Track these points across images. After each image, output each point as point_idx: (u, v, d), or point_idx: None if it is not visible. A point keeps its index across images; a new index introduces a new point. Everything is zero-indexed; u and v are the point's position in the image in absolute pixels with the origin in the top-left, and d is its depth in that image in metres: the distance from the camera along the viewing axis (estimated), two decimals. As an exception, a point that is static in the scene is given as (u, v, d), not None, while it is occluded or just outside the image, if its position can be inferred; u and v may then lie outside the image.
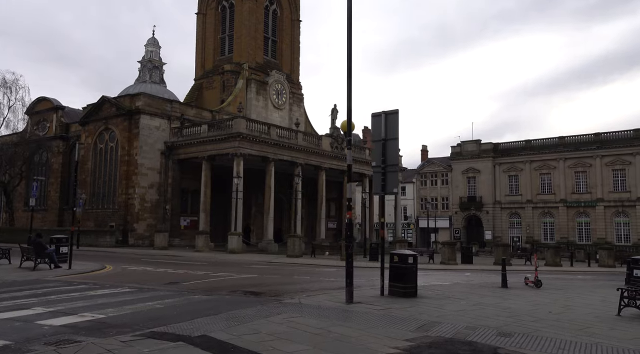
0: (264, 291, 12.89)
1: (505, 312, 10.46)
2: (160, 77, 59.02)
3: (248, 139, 34.53)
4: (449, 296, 12.55)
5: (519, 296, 13.31)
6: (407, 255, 12.24)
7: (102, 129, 39.14)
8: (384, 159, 12.48)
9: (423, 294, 12.62)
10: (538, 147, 57.99)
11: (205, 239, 31.68)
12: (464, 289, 14.36)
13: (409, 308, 10.33)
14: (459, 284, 16.02)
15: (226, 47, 47.91)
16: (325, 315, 9.08)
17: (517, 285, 16.36)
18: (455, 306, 10.84)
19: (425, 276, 20.29)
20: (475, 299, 12.28)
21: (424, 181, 66.76)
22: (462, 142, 63.26)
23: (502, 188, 59.61)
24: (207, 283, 14.39)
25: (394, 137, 12.50)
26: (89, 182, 39.51)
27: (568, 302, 12.63)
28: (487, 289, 14.64)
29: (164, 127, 37.92)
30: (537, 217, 57.33)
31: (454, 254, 27.99)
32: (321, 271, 20.97)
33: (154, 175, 36.99)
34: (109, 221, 37.15)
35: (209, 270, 18.77)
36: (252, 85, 44.94)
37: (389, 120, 12.59)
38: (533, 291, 14.88)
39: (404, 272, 12.09)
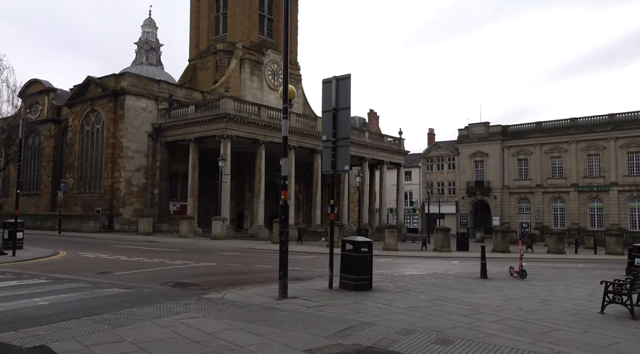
0: (201, 282, 11.41)
1: (466, 309, 8.83)
2: (158, 59, 57.63)
3: (236, 120, 32.95)
4: (409, 289, 10.94)
5: (494, 289, 11.65)
6: (360, 242, 10.61)
7: (88, 111, 37.89)
8: (335, 132, 10.83)
9: (381, 287, 11.02)
10: (549, 129, 55.43)
11: (190, 224, 30.35)
12: (434, 281, 12.72)
13: (349, 304, 8.74)
14: (434, 275, 14.36)
15: (220, 26, 46.14)
16: (238, 315, 7.55)
17: (500, 276, 14.67)
18: (408, 302, 9.22)
19: (405, 265, 18.68)
20: (439, 292, 10.65)
21: (430, 165, 64.66)
22: (470, 125, 60.90)
23: (510, 172, 57.30)
24: (146, 272, 12.96)
25: (346, 107, 10.83)
26: (77, 165, 38.42)
27: (550, 296, 10.96)
28: (461, 281, 12.98)
29: (151, 108, 36.51)
30: (547, 203, 55.03)
31: (448, 241, 26.25)
32: (294, 258, 19.45)
33: (140, 158, 35.69)
34: (95, 205, 36.07)
35: (172, 257, 17.38)
36: (246, 65, 43.20)
37: (340, 86, 10.91)
38: (514, 282, 13.18)
39: (356, 262, 10.48)
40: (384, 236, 26.38)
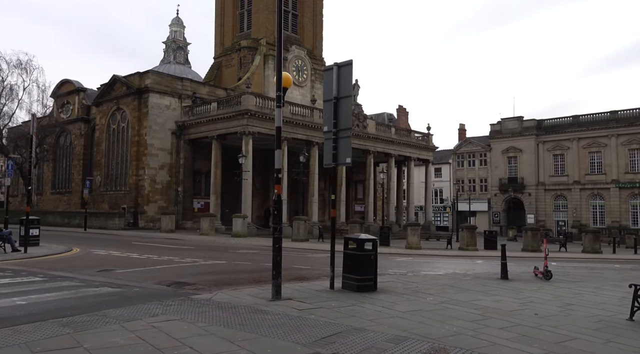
0: (199, 281, 10.92)
1: (474, 314, 8.01)
2: (185, 58, 58.02)
3: (257, 116, 32.58)
4: (418, 291, 10.15)
5: (512, 291, 10.73)
6: (364, 240, 9.90)
7: (114, 109, 38.28)
8: (336, 122, 10.13)
9: (387, 288, 10.27)
10: (587, 123, 53.01)
11: (211, 221, 30.14)
12: (449, 281, 11.86)
13: (345, 307, 8.06)
14: (451, 275, 13.47)
15: (245, 23, 45.91)
16: (218, 318, 6.98)
17: (524, 277, 13.67)
18: (412, 305, 8.47)
19: (424, 264, 17.79)
20: (450, 294, 9.83)
21: (460, 161, 62.92)
22: (503, 120, 58.92)
23: (546, 168, 55.12)
24: (149, 270, 12.59)
25: (348, 95, 10.12)
26: (103, 163, 38.89)
27: (574, 300, 9.98)
28: (479, 282, 12.08)
29: (174, 106, 36.57)
30: (585, 200, 52.68)
31: (474, 239, 25.12)
32: (309, 257, 18.86)
33: (164, 156, 35.79)
34: (121, 203, 36.39)
35: (183, 255, 17.05)
36: (270, 61, 42.80)
37: (342, 73, 10.21)
38: (538, 284, 12.18)
39: (359, 261, 9.76)
40: (406, 234, 25.48)
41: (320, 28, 48.75)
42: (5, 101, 38.19)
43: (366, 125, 40.81)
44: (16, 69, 38.01)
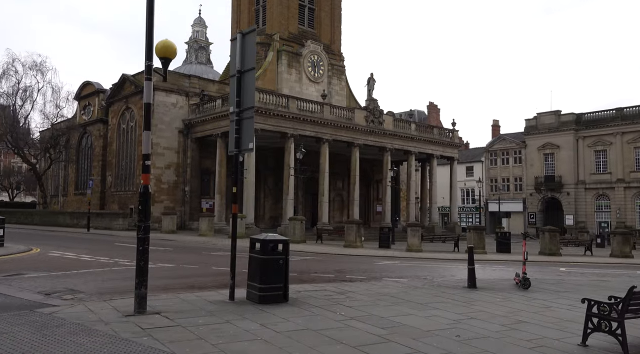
0: (94, 290, 9.58)
1: (373, 336, 6.35)
2: (207, 58, 57.71)
3: (260, 112, 31.23)
4: (339, 303, 8.41)
5: (462, 304, 8.82)
6: (270, 241, 8.24)
7: (123, 109, 38.02)
8: (239, 101, 8.54)
9: (303, 299, 8.56)
10: (632, 116, 48.73)
11: (210, 222, 29.10)
12: (396, 291, 9.99)
13: (207, 326, 6.44)
14: (407, 284, 11.50)
15: (260, 19, 44.83)
16: (19, 340, 5.55)
17: (501, 285, 11.61)
18: (304, 324, 6.77)
19: (405, 269, 15.85)
20: (374, 309, 8.06)
21: (493, 159, 59.51)
22: (538, 114, 55.22)
23: (586, 166, 51.12)
24: (63, 275, 11.38)
25: (251, 67, 8.51)
26: (114, 163, 38.71)
27: (533, 316, 8.02)
28: (434, 292, 10.15)
29: (181, 104, 35.85)
30: (630, 199, 48.42)
31: (482, 241, 22.80)
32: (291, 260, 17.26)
33: (171, 155, 35.09)
34: (129, 203, 36.02)
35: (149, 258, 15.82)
36: (283, 57, 41.49)
37: (246, 43, 8.63)
38: (507, 294, 10.15)
39: (264, 266, 8.09)
40: (407, 235, 23.44)
41: (338, 22, 47.05)
42: (22, 103, 38.60)
43: (382, 121, 38.76)
44: (31, 70, 38.39)
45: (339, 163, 40.27)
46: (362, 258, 19.04)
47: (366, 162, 44.45)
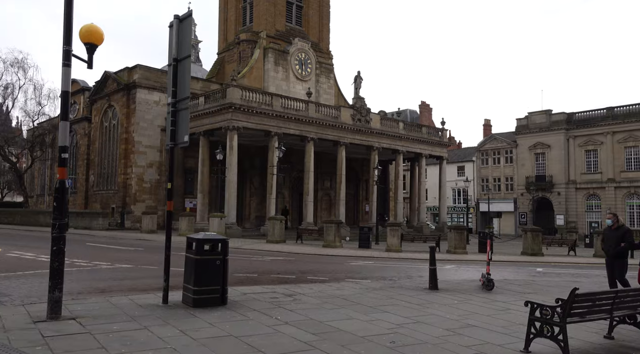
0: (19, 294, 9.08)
1: (298, 343, 5.81)
2: (196, 56, 57.09)
3: (242, 110, 30.76)
4: (280, 306, 7.94)
5: (415, 306, 8.37)
6: (205, 240, 7.76)
7: (106, 107, 37.45)
8: (175, 91, 8.04)
9: (244, 302, 8.09)
10: (622, 115, 48.35)
11: (189, 222, 28.57)
12: (349, 293, 9.53)
13: (117, 333, 5.94)
14: (365, 285, 11.02)
15: (247, 16, 44.30)
16: None
17: (464, 286, 11.15)
18: (230, 329, 6.32)
19: (379, 269, 15.46)
20: (317, 312, 7.63)
21: (485, 159, 59.11)
22: (529, 114, 54.81)
23: (577, 165, 50.72)
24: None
25: (187, 55, 8.02)
26: (97, 162, 38.14)
27: (484, 320, 7.57)
28: (390, 293, 9.69)
29: (164, 101, 35.11)
30: (620, 199, 48.03)
31: (463, 241, 22.37)
32: (255, 260, 16.75)
33: (153, 153, 34.53)
34: (111, 202, 35.48)
35: (111, 258, 15.39)
36: (270, 55, 40.96)
37: (182, 29, 8.11)
38: (468, 296, 9.70)
39: (199, 267, 7.62)
40: (386, 235, 22.96)
41: (326, 19, 46.57)
42: (3, 100, 37.98)
43: (369, 119, 38.29)
44: (12, 67, 37.78)
45: (327, 162, 39.82)
46: (337, 258, 18.57)
47: (355, 162, 44.02)
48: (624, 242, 9.54)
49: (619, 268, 9.63)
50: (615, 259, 9.68)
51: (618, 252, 9.64)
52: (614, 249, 9.67)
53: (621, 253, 9.66)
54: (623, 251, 9.65)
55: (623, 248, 9.59)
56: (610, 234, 9.90)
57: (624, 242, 9.54)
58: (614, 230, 9.88)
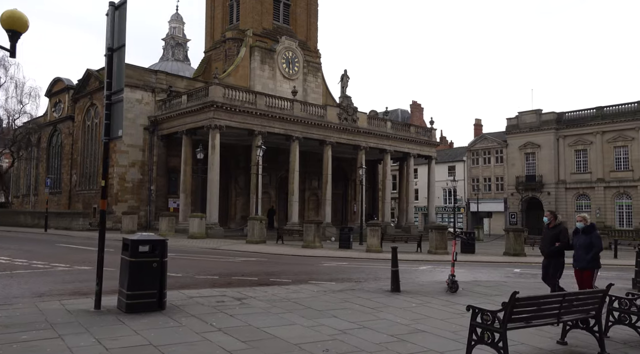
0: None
1: (224, 351, 5.36)
2: (185, 55, 56.59)
3: (225, 108, 30.30)
4: (223, 312, 7.52)
5: (369, 310, 7.96)
6: (142, 242, 7.31)
7: (88, 105, 36.90)
8: (110, 83, 7.61)
9: (185, 308, 7.65)
10: (612, 115, 48.15)
11: (169, 222, 28.05)
12: (307, 295, 9.13)
13: (11, 345, 5.50)
14: (327, 287, 10.61)
15: (234, 14, 43.82)
16: None
17: (429, 288, 10.74)
18: (152, 337, 5.89)
19: (351, 270, 14.94)
20: (261, 317, 7.15)
21: (475, 159, 58.82)
22: (520, 113, 54.57)
23: (566, 165, 50.50)
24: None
25: (122, 44, 7.57)
26: (79, 162, 37.57)
27: (441, 324, 7.16)
28: (349, 295, 9.27)
29: (147, 100, 34.76)
30: (610, 199, 47.85)
31: (444, 242, 21.96)
32: (222, 261, 16.31)
33: (136, 153, 33.99)
34: (93, 202, 34.92)
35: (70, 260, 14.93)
36: (256, 53, 40.49)
37: (118, 17, 7.66)
38: (428, 298, 9.29)
39: (134, 270, 7.17)
40: (366, 235, 22.55)
41: (314, 18, 46.15)
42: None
43: (356, 118, 37.90)
44: (-9, 65, 37.14)
45: (314, 162, 39.41)
46: (312, 259, 18.15)
47: (344, 162, 43.65)
48: (559, 241, 9.04)
49: (553, 268, 9.13)
50: (550, 259, 9.20)
51: (552, 252, 9.12)
52: (549, 248, 9.19)
53: (556, 253, 9.09)
54: (558, 251, 9.09)
55: (557, 248, 9.06)
56: (547, 233, 9.42)
57: (559, 242, 9.03)
58: (550, 228, 9.35)
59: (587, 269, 8.65)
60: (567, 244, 8.99)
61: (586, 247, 8.56)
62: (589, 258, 8.52)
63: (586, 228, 8.75)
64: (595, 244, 8.55)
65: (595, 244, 8.55)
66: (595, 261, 8.60)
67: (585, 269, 8.66)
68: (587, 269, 8.65)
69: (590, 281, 8.62)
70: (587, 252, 8.53)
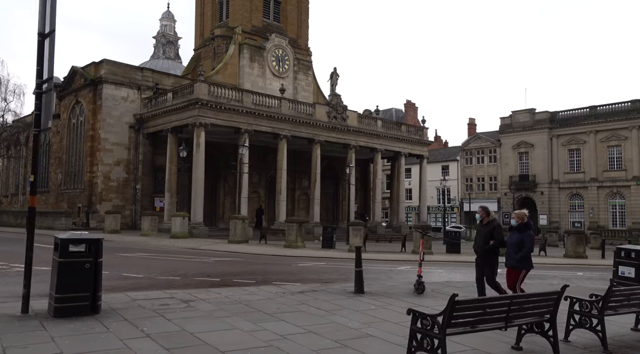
0: None
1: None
2: (176, 53, 56.09)
3: (210, 106, 29.83)
4: (164, 314, 7.02)
5: (320, 314, 7.48)
6: (73, 241, 6.83)
7: (73, 103, 36.38)
8: (40, 70, 7.15)
9: (127, 309, 7.18)
10: (605, 114, 47.77)
11: (152, 221, 27.56)
12: (262, 298, 8.62)
13: None
14: (288, 289, 10.16)
15: (224, 11, 43.33)
16: None
17: (395, 290, 10.29)
18: (67, 344, 5.45)
19: (324, 271, 14.52)
20: (201, 321, 6.67)
21: (469, 158, 58.42)
22: (513, 113, 54.17)
23: (560, 165, 50.11)
24: None
25: (52, 30, 7.10)
26: (64, 160, 37.06)
27: (394, 328, 6.71)
28: (308, 297, 8.82)
29: (132, 98, 34.24)
30: (603, 199, 47.48)
31: (428, 242, 21.45)
32: (195, 261, 15.84)
33: (121, 151, 33.48)
34: (77, 201, 34.41)
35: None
36: (245, 51, 40.00)
37: (49, 0, 7.19)
38: (392, 300, 8.83)
39: (64, 271, 6.69)
40: (348, 235, 22.11)
41: (305, 15, 45.68)
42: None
43: (346, 117, 37.45)
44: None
45: (305, 161, 38.94)
46: (289, 260, 17.69)
47: (335, 161, 43.20)
48: (493, 239, 8.50)
49: (488, 268, 8.60)
50: (484, 259, 8.68)
51: (486, 251, 8.57)
52: (482, 247, 8.65)
53: (490, 252, 8.54)
54: (492, 250, 8.54)
55: (491, 246, 8.51)
56: (480, 230, 8.88)
57: (493, 240, 8.49)
58: (484, 226, 8.80)
59: (515, 269, 8.11)
60: (501, 242, 8.42)
61: (517, 246, 8.04)
62: (518, 258, 7.98)
63: (519, 226, 8.18)
64: (525, 243, 7.99)
65: (526, 244, 7.98)
66: (524, 261, 8.03)
67: (513, 268, 8.12)
68: (515, 269, 8.11)
69: (515, 280, 8.05)
70: (518, 251, 8.00)
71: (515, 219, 8.31)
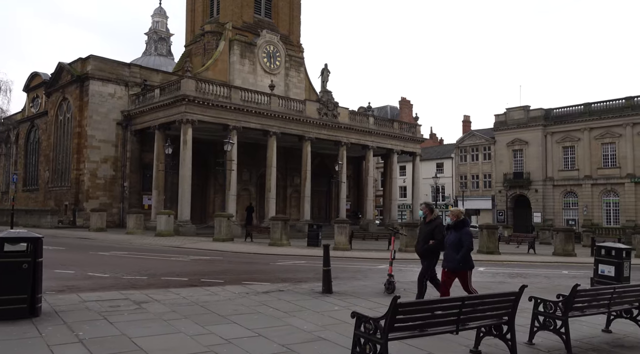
0: None
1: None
2: (168, 49, 55.60)
3: (197, 102, 29.41)
4: (108, 317, 6.64)
5: (278, 316, 7.12)
6: (9, 239, 6.43)
7: (60, 100, 35.93)
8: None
9: (71, 312, 6.81)
10: (599, 111, 47.42)
11: (138, 219, 27.18)
12: (222, 299, 8.26)
13: None
14: (253, 290, 9.80)
15: (215, 7, 42.88)
16: None
17: (368, 290, 9.94)
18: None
19: (302, 270, 14.17)
20: (145, 325, 6.31)
21: (463, 155, 58.06)
22: (508, 110, 53.83)
23: (554, 162, 49.80)
24: None
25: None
26: (52, 157, 36.63)
27: (350, 330, 6.30)
28: (271, 298, 8.45)
29: (120, 94, 33.79)
30: (597, 196, 47.17)
31: (414, 239, 21.14)
32: (173, 260, 15.47)
33: (108, 148, 33.06)
34: (64, 199, 33.99)
35: None
36: (236, 47, 39.56)
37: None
38: (359, 301, 8.47)
39: (0, 271, 6.29)
40: (334, 233, 21.74)
41: (297, 11, 45.25)
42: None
43: (337, 114, 37.04)
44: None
45: (297, 158, 38.50)
46: (269, 258, 17.33)
47: (328, 158, 42.79)
48: (433, 239, 8.10)
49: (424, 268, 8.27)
50: (424, 259, 8.28)
51: (425, 251, 8.17)
52: (422, 247, 8.22)
53: (430, 252, 8.17)
54: (432, 250, 8.17)
55: (430, 246, 8.15)
56: (422, 229, 8.48)
57: (433, 239, 8.09)
58: (426, 224, 8.41)
59: (460, 271, 7.64)
60: (441, 242, 7.99)
61: (455, 246, 7.56)
62: (459, 258, 7.51)
63: (456, 224, 7.73)
64: (464, 242, 7.51)
65: (465, 243, 7.50)
66: (466, 261, 7.57)
67: (458, 270, 7.64)
68: (461, 271, 7.64)
69: (467, 283, 7.62)
70: (457, 252, 7.53)
71: (450, 217, 7.87)
